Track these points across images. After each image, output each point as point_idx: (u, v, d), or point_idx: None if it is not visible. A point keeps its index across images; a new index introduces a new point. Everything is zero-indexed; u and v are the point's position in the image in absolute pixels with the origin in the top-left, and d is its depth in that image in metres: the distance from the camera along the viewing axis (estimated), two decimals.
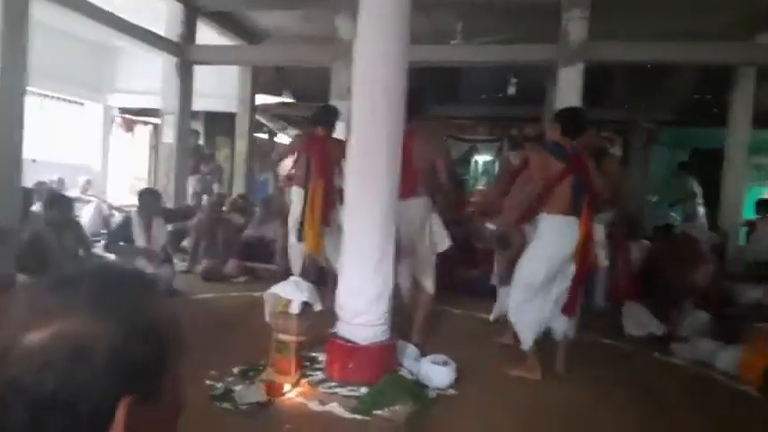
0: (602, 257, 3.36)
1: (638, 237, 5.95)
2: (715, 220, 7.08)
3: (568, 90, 5.79)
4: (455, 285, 5.29)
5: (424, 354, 3.24)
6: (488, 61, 6.83)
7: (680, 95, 9.32)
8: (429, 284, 3.70)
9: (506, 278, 3.73)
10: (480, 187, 12.17)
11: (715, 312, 4.21)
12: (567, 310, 3.31)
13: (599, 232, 3.46)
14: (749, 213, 7.18)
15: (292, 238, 4.37)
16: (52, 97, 8.71)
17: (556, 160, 3.19)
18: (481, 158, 12.65)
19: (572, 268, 3.23)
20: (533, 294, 3.25)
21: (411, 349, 3.24)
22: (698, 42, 6.27)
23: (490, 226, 4.80)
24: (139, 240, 4.66)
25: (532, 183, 3.34)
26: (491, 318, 4.34)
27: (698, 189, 7.80)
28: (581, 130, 3.32)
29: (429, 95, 3.83)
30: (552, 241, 3.20)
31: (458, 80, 9.88)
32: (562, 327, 3.36)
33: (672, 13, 6.38)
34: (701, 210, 7.70)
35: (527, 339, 3.28)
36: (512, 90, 8.55)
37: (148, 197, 4.87)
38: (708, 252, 5.05)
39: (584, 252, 3.18)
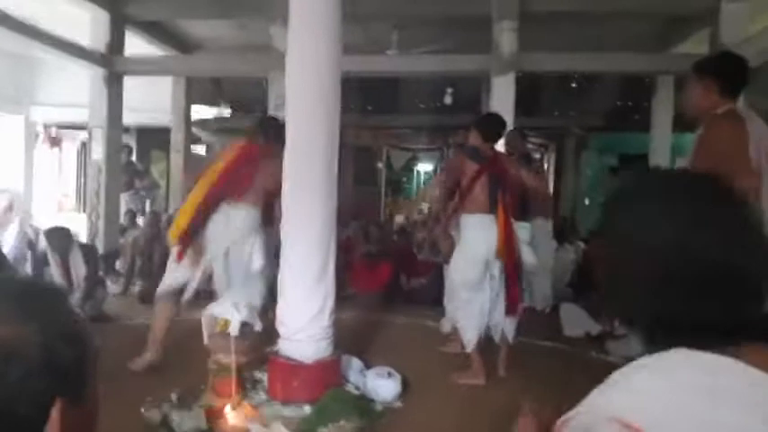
0: (528, 257, 3.48)
1: (572, 239, 6.20)
2: None
3: (502, 99, 5.96)
4: (397, 295, 5.33)
5: (369, 366, 3.22)
6: (424, 71, 6.94)
7: (606, 102, 9.82)
8: None
9: None
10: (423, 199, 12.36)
11: None
12: (509, 310, 3.42)
13: (524, 232, 3.59)
14: None
15: None
16: None
17: (471, 162, 3.38)
18: (423, 168, 12.84)
19: (498, 267, 3.38)
20: (472, 294, 3.38)
21: (356, 363, 3.21)
22: (620, 52, 6.63)
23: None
24: (56, 277, 4.39)
25: (448, 185, 3.49)
26: (443, 330, 4.32)
27: None
28: (498, 135, 3.59)
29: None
30: (474, 240, 3.36)
31: (396, 90, 10.00)
32: (500, 328, 3.47)
33: (595, 25, 6.72)
34: None
35: (471, 340, 3.37)
36: (448, 99, 8.73)
37: (57, 237, 4.55)
38: None
39: (506, 250, 3.33)
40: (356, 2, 3.08)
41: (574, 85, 9.56)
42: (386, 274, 5.71)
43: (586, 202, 10.05)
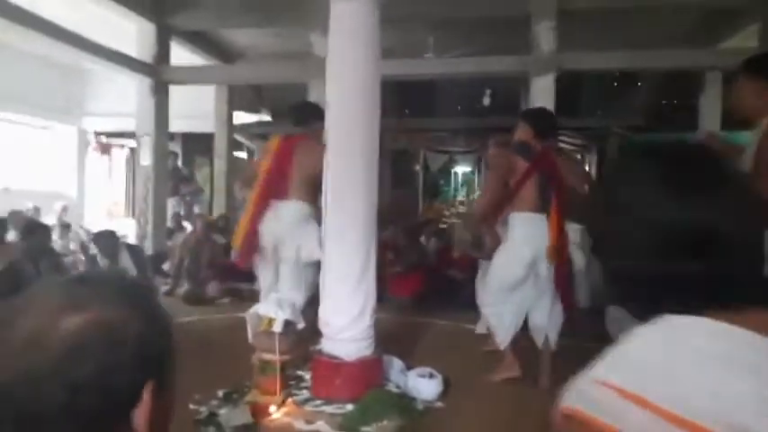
0: (578, 259, 3.38)
1: None
2: None
3: (541, 99, 5.89)
4: (435, 295, 5.33)
5: (410, 367, 3.23)
6: (461, 73, 6.93)
7: (650, 101, 9.55)
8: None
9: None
10: (461, 198, 12.29)
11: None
12: (565, 306, 3.32)
13: (573, 233, 3.46)
14: None
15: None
16: (23, 123, 8.59)
17: (521, 159, 3.22)
18: (461, 169, 12.78)
19: (546, 268, 3.23)
20: (508, 294, 3.27)
21: (397, 363, 3.23)
22: (665, 49, 6.45)
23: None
24: None
25: (498, 182, 3.36)
26: (477, 330, 4.32)
27: None
28: (550, 131, 3.37)
29: (315, 108, 3.68)
30: (522, 240, 3.22)
31: (433, 93, 10.00)
32: (543, 332, 3.34)
33: (637, 21, 6.56)
34: None
35: (503, 340, 3.31)
36: (487, 101, 8.67)
37: (105, 241, 4.76)
38: None
39: (557, 251, 3.20)
40: (392, 6, 3.10)
41: (616, 84, 9.34)
42: (419, 281, 5.69)
43: None
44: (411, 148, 11.50)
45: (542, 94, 5.90)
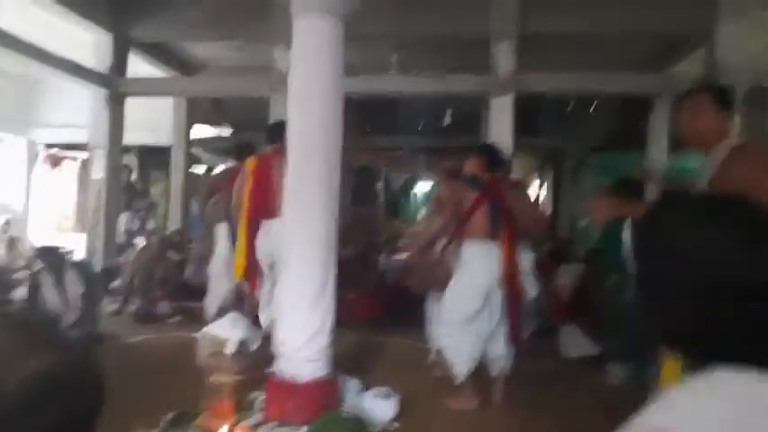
0: (530, 287, 3.41)
1: (569, 260, 6.16)
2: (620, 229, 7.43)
3: (500, 119, 6.00)
4: (394, 314, 5.28)
5: (366, 387, 3.17)
6: (423, 92, 7.00)
7: (604, 123, 9.88)
8: None
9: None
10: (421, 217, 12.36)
11: (642, 330, 4.37)
12: (512, 338, 3.35)
13: (526, 261, 3.49)
14: None
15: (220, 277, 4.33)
16: None
17: (470, 190, 3.35)
18: (421, 188, 12.88)
19: (499, 296, 3.27)
20: (466, 325, 3.24)
21: (353, 383, 3.17)
22: (617, 73, 6.69)
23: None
24: (50, 297, 4.34)
25: (447, 213, 3.45)
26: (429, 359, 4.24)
27: None
28: (499, 163, 3.54)
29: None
30: (475, 266, 3.27)
31: (395, 111, 10.08)
32: (501, 361, 3.36)
33: (593, 46, 6.79)
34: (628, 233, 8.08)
35: (461, 372, 3.25)
36: (447, 120, 8.78)
37: (50, 257, 4.52)
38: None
39: (509, 278, 3.25)
40: (356, 24, 3.10)
41: (572, 105, 9.63)
42: (377, 304, 5.60)
43: (583, 223, 10.04)
44: (373, 167, 11.53)
45: (501, 113, 6.01)
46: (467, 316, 3.23)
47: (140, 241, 6.92)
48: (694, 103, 2.13)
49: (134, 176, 8.69)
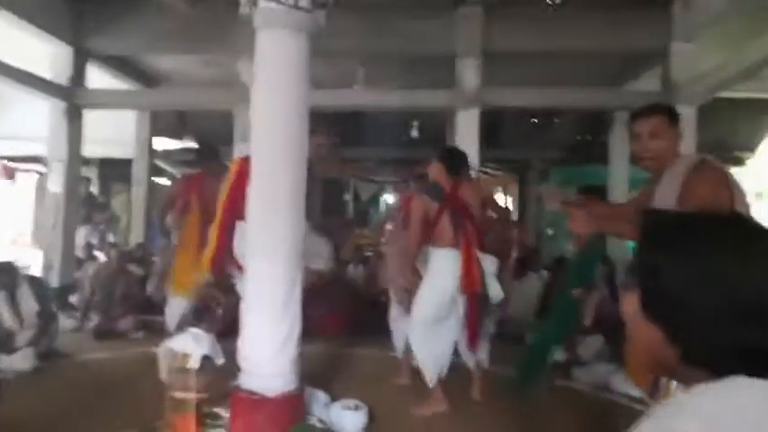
0: (495, 290, 3.47)
1: (536, 268, 6.27)
2: (604, 250, 7.62)
3: (466, 133, 6.11)
4: (363, 325, 5.26)
5: (334, 399, 3.15)
6: (390, 106, 7.07)
7: (566, 137, 10.16)
8: None
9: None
10: (390, 227, 12.38)
11: (607, 335, 4.47)
12: (471, 343, 3.44)
13: (490, 265, 3.51)
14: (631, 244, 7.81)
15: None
16: None
17: (432, 200, 3.42)
18: (389, 198, 12.94)
19: (462, 300, 3.37)
20: (435, 328, 3.34)
21: (320, 396, 3.14)
22: (578, 89, 6.89)
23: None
24: (4, 314, 4.17)
25: (412, 222, 3.50)
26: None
27: None
28: (461, 167, 3.56)
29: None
30: (441, 274, 3.35)
31: (364, 124, 10.13)
32: (473, 358, 3.52)
33: (555, 63, 6.99)
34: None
35: (432, 377, 3.33)
36: (414, 133, 8.87)
37: (2, 273, 4.31)
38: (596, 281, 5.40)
39: (467, 283, 3.33)
40: (323, 39, 3.12)
41: (535, 119, 9.87)
42: (345, 318, 5.59)
43: (549, 232, 10.25)
44: (342, 178, 11.53)
45: (467, 127, 6.12)
46: (435, 317, 3.33)
47: (100, 255, 6.73)
48: (651, 124, 2.15)
49: (94, 189, 8.45)
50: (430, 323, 3.33)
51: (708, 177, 2.00)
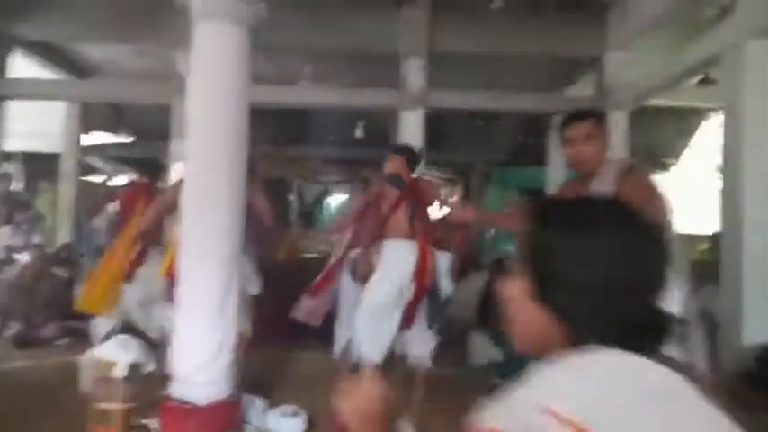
0: (446, 286, 3.58)
1: (478, 268, 6.36)
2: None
3: (411, 133, 6.12)
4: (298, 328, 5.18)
5: (272, 405, 3.05)
6: (335, 104, 7.00)
7: (508, 139, 10.40)
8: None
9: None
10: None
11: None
12: (406, 323, 3.49)
13: (444, 261, 3.67)
14: None
15: None
16: None
17: (393, 189, 3.50)
18: (334, 199, 12.85)
19: (411, 290, 3.47)
20: (380, 318, 3.41)
21: (257, 402, 3.04)
22: (518, 93, 7.06)
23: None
24: None
25: (374, 210, 3.55)
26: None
27: None
28: (417, 163, 3.73)
29: None
30: (394, 265, 3.43)
31: (308, 123, 10.00)
32: (416, 351, 3.60)
33: (498, 67, 7.14)
34: None
35: (371, 362, 3.38)
36: (359, 133, 8.84)
37: None
38: None
39: (419, 275, 3.43)
40: (265, 32, 3.02)
41: (480, 121, 10.05)
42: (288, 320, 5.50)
43: (492, 232, 10.44)
44: (286, 178, 11.33)
45: (412, 128, 6.15)
46: (382, 306, 3.40)
47: (22, 257, 6.29)
48: (585, 128, 2.20)
49: (17, 186, 7.90)
50: (378, 311, 3.39)
51: (640, 182, 2.10)
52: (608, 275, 0.71)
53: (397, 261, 3.45)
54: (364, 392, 0.87)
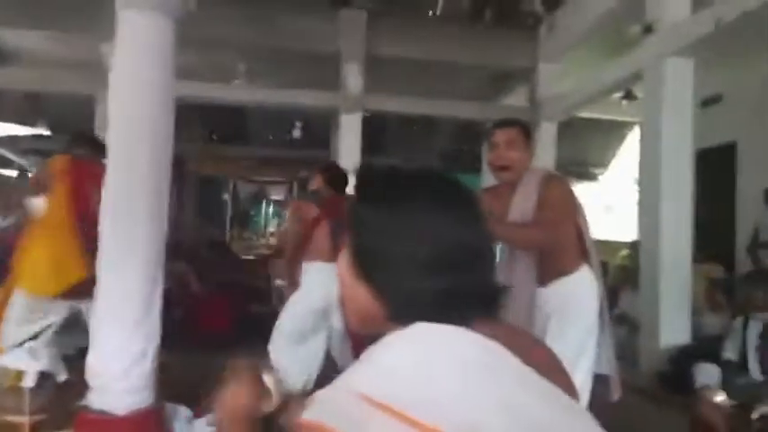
0: None
1: None
2: None
3: (349, 135, 6.11)
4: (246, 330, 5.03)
5: (197, 415, 2.92)
6: (271, 103, 6.87)
7: (444, 144, 10.59)
8: None
9: None
10: (272, 229, 12.05)
11: None
12: (354, 353, 3.37)
13: None
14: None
15: None
16: None
17: (311, 207, 3.33)
18: (271, 199, 12.63)
19: (339, 318, 3.22)
20: (298, 342, 3.25)
21: (182, 411, 2.89)
22: (454, 100, 7.20)
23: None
24: None
25: (294, 231, 3.40)
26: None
27: None
28: (342, 182, 3.44)
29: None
30: (313, 289, 3.24)
31: (245, 121, 9.77)
32: None
33: (435, 74, 7.24)
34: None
35: (295, 385, 3.21)
36: (297, 133, 8.72)
37: None
38: None
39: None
40: (199, 27, 2.90)
41: (416, 126, 10.18)
42: (226, 307, 5.41)
43: None
44: (219, 176, 11.00)
45: (350, 130, 6.13)
46: (298, 333, 3.24)
47: None
48: (508, 135, 2.29)
49: None
50: (295, 336, 3.24)
51: (560, 189, 2.25)
52: (418, 249, 0.68)
53: (315, 285, 3.21)
54: (236, 392, 0.86)
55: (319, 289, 3.19)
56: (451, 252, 0.69)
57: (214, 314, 5.37)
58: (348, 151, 6.06)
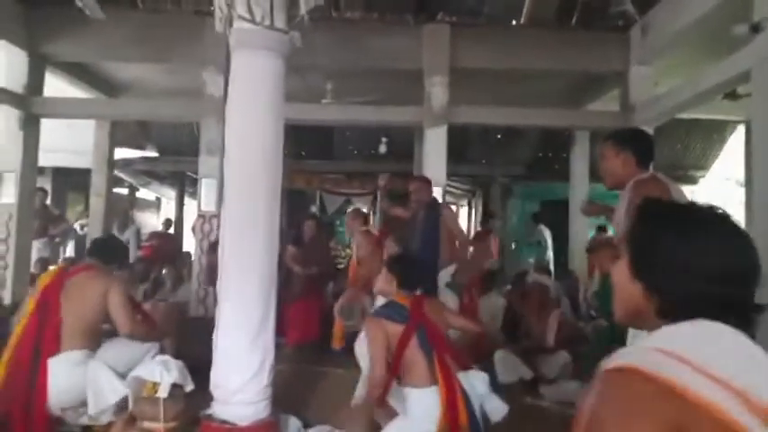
0: (495, 406, 2.83)
1: (500, 284, 6.34)
2: (566, 265, 7.83)
3: (434, 149, 6.17)
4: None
5: (307, 425, 3.10)
6: (358, 120, 7.08)
7: (529, 153, 10.40)
8: None
9: None
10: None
11: (571, 353, 4.56)
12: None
13: (481, 383, 2.81)
14: None
15: None
16: None
17: (392, 323, 2.66)
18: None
19: None
20: None
21: (293, 422, 3.08)
22: (540, 108, 7.07)
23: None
24: None
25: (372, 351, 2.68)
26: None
27: (548, 237, 8.67)
28: (418, 283, 2.95)
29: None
30: (418, 416, 2.58)
31: (331, 137, 10.12)
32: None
33: (519, 82, 7.16)
34: (551, 256, 8.57)
35: None
36: (383, 148, 8.90)
37: None
38: (557, 297, 5.52)
39: (451, 421, 2.54)
40: (294, 55, 3.09)
41: (500, 136, 10.08)
42: (316, 316, 5.55)
43: (512, 246, 10.42)
44: (308, 190, 11.45)
45: (435, 144, 6.19)
46: None
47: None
48: (600, 150, 2.50)
49: (48, 200, 8.10)
50: None
51: (641, 194, 2.22)
52: (697, 264, 0.91)
53: (417, 413, 2.56)
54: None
55: (425, 415, 2.55)
56: (731, 268, 0.90)
57: (304, 321, 5.48)
58: (433, 164, 6.13)
